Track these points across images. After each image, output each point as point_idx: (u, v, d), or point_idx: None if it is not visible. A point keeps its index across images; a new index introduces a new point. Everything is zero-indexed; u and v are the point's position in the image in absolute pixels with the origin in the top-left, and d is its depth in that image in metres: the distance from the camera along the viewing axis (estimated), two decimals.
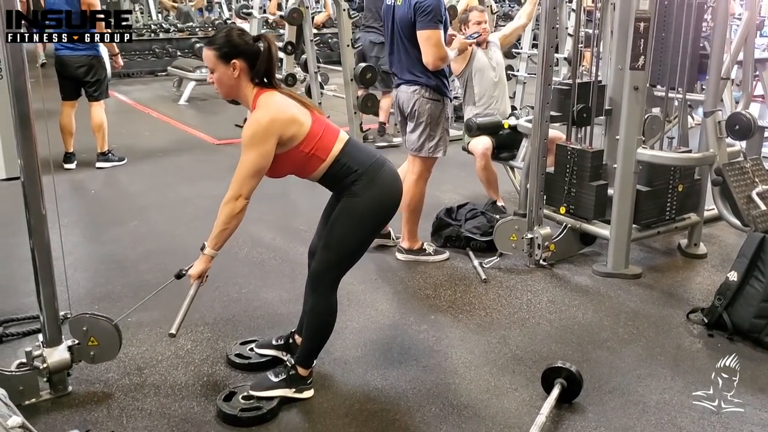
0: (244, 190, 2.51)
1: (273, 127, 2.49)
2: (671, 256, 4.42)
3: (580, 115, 4.16)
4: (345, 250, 2.70)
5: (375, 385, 2.94)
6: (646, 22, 3.68)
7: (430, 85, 4.00)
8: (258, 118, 2.50)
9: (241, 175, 2.50)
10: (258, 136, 2.48)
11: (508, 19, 13.75)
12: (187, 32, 12.54)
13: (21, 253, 3.75)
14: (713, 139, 3.93)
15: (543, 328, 3.46)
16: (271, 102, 2.54)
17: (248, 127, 2.51)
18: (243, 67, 2.55)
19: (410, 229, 4.24)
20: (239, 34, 2.58)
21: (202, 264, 2.62)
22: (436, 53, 3.87)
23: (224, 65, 2.55)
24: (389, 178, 2.70)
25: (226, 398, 2.73)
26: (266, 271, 4.10)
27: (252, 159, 2.49)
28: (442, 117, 4.07)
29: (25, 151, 2.59)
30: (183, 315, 2.61)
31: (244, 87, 2.59)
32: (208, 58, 2.57)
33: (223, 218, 2.54)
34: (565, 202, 4.18)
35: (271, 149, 2.50)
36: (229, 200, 2.52)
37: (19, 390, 2.69)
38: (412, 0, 3.86)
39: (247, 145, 2.49)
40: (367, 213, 2.65)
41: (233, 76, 2.55)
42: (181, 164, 6.63)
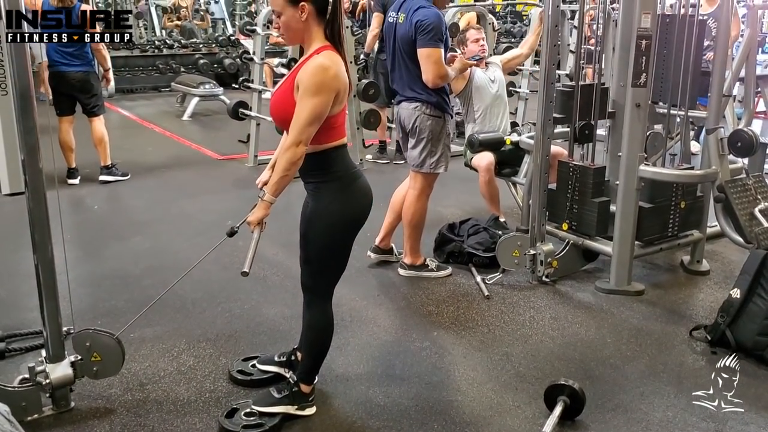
0: (303, 137, 2.46)
1: (336, 82, 2.47)
2: (674, 272, 4.42)
3: (582, 132, 4.17)
4: (323, 258, 2.69)
5: (377, 402, 2.94)
6: (647, 40, 3.70)
7: (431, 102, 4.02)
8: (326, 67, 2.45)
9: (302, 121, 2.45)
10: (323, 84, 2.44)
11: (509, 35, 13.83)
12: (191, 48, 12.60)
13: (24, 269, 3.76)
14: (715, 156, 3.93)
15: (546, 345, 3.45)
16: (337, 61, 2.50)
17: (315, 73, 2.45)
18: (311, 11, 2.49)
19: (412, 245, 4.24)
20: None
21: (261, 210, 2.57)
22: (436, 71, 3.90)
23: (292, 7, 2.49)
24: (362, 188, 2.69)
25: (228, 415, 2.73)
26: (268, 287, 4.10)
27: (313, 105, 2.44)
28: (443, 133, 4.09)
29: (30, 166, 2.60)
30: (252, 254, 2.54)
31: (313, 32, 2.53)
32: (276, 2, 2.51)
33: (284, 164, 2.49)
34: (567, 218, 4.18)
35: (329, 101, 2.46)
36: (290, 146, 2.47)
37: (21, 406, 2.69)
38: (414, 18, 3.88)
39: (310, 90, 2.44)
40: (336, 221, 2.63)
41: (301, 19, 2.49)
42: (184, 179, 6.65)
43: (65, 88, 6.02)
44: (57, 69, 5.92)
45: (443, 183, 6.04)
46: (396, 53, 4.07)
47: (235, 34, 12.70)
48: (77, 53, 5.93)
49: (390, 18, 4.10)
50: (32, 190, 2.62)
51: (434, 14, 3.89)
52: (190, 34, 13.55)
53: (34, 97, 2.58)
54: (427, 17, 3.85)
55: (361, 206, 2.69)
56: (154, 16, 14.24)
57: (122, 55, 11.75)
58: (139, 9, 13.52)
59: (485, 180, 4.89)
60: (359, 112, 6.69)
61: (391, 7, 4.19)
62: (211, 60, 12.19)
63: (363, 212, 2.70)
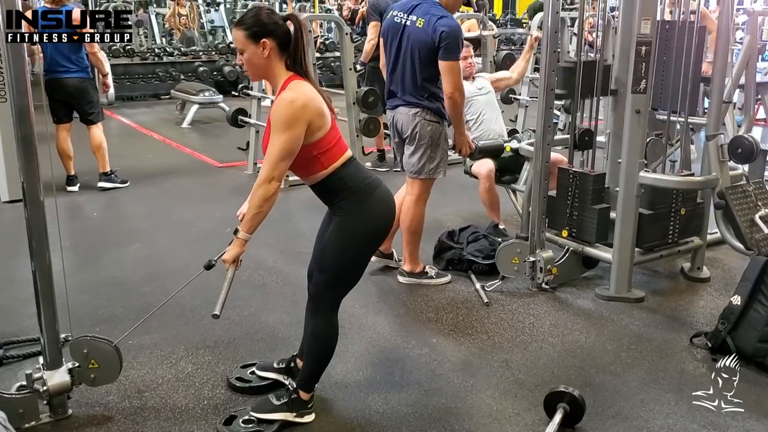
0: (276, 173, 2.48)
1: (306, 112, 2.47)
2: (674, 279, 4.41)
3: (582, 139, 4.17)
4: (340, 270, 2.69)
5: (376, 409, 2.92)
6: (647, 46, 3.70)
7: (431, 108, 4.01)
8: (292, 100, 2.47)
9: (273, 157, 2.47)
10: (292, 118, 2.44)
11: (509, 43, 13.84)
12: (191, 56, 12.63)
13: (22, 275, 3.75)
14: (716, 162, 3.92)
15: (545, 352, 3.44)
16: (304, 89, 2.52)
17: (281, 108, 2.46)
18: (273, 47, 2.51)
19: (411, 251, 4.23)
20: (268, 13, 2.55)
21: (237, 248, 2.58)
22: (457, 84, 3.92)
23: (254, 45, 2.51)
24: (382, 198, 2.69)
25: (227, 422, 2.72)
26: (267, 294, 4.09)
27: (284, 141, 2.45)
28: (441, 138, 4.09)
29: (28, 173, 2.59)
30: (224, 297, 2.56)
31: (276, 67, 2.55)
32: (238, 38, 2.54)
33: (257, 201, 2.51)
34: (567, 225, 4.17)
35: (301, 134, 2.47)
36: (262, 183, 2.49)
37: (19, 413, 2.67)
38: (438, 27, 3.82)
39: (280, 126, 2.45)
40: (358, 232, 2.64)
41: (263, 55, 2.52)
42: (184, 187, 6.64)
43: (61, 95, 6.01)
44: (52, 76, 5.91)
45: (443, 191, 6.05)
46: (403, 55, 4.01)
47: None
48: (73, 59, 5.91)
49: (396, 18, 4.04)
50: (30, 198, 2.61)
51: (457, 26, 3.93)
52: (190, 41, 13.58)
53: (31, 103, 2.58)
54: (452, 29, 3.84)
55: (383, 218, 2.70)
56: (155, 24, 14.27)
57: (122, 63, 11.79)
58: (139, 17, 13.55)
59: (485, 187, 4.89)
60: (359, 120, 6.68)
61: (396, 6, 4.12)
62: (210, 67, 12.23)
63: (385, 224, 2.71)
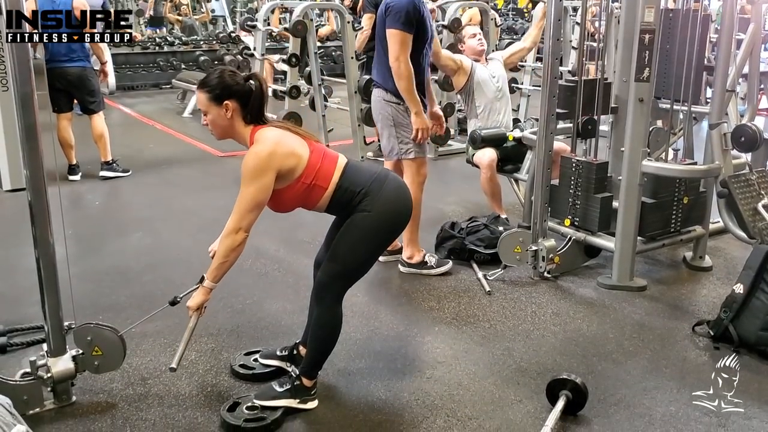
0: (243, 224, 2.52)
1: (272, 160, 2.50)
2: (676, 268, 4.41)
3: (585, 127, 4.16)
4: (352, 262, 2.70)
5: (379, 396, 2.93)
6: (650, 34, 3.69)
7: (389, 88, 4.01)
8: (257, 152, 2.51)
9: (241, 208, 2.52)
10: (257, 169, 2.49)
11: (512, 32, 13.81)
12: (192, 45, 12.60)
13: (26, 264, 3.75)
14: (719, 151, 3.92)
15: (548, 340, 3.45)
16: (269, 136, 2.56)
17: (247, 160, 2.51)
18: (235, 108, 2.57)
19: (410, 236, 4.19)
20: (230, 74, 2.60)
21: (201, 296, 2.64)
22: (397, 53, 3.86)
23: (217, 107, 2.57)
24: (394, 189, 2.70)
25: (230, 408, 2.72)
26: (270, 283, 4.10)
27: (252, 192, 2.50)
28: (408, 119, 4.04)
29: (31, 162, 2.59)
30: (183, 348, 2.63)
31: (238, 126, 2.61)
32: (201, 101, 2.60)
33: (223, 251, 2.56)
34: (569, 214, 4.17)
35: (270, 182, 2.51)
36: (229, 233, 2.54)
37: (23, 399, 2.69)
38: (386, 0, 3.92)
39: (247, 178, 2.51)
40: (379, 226, 2.65)
41: (226, 117, 2.58)
42: (186, 176, 6.64)
43: (62, 84, 6.00)
44: (54, 65, 5.90)
45: (444, 180, 6.06)
46: (376, 39, 4.11)
47: (236, 31, 12.69)
48: (75, 48, 5.91)
49: (381, 8, 4.09)
50: (33, 186, 2.61)
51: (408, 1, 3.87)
52: (191, 31, 13.54)
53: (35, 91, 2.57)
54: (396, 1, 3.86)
55: (399, 209, 2.72)
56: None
57: (123, 53, 11.76)
58: (139, 6, 13.52)
59: (487, 177, 4.88)
60: (360, 109, 6.68)
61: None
62: (211, 57, 12.18)
63: (406, 210, 2.74)
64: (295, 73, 6.85)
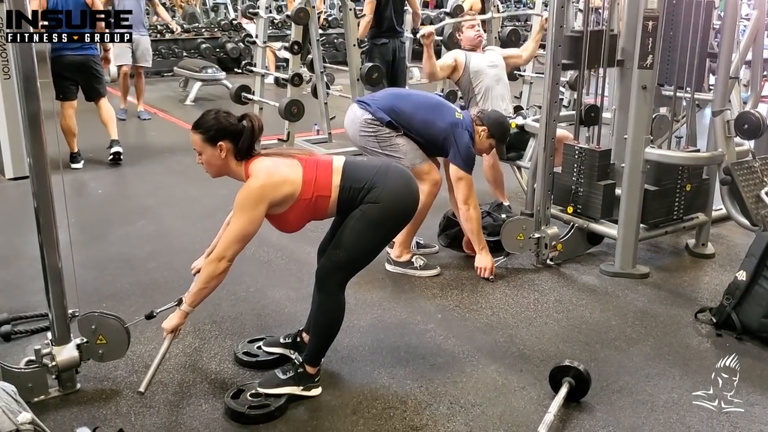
0: (228, 253, 2.57)
1: (263, 192, 2.54)
2: (679, 256, 4.41)
3: (588, 115, 4.15)
4: (357, 251, 2.71)
5: (382, 383, 2.94)
6: (654, 21, 3.68)
7: (381, 119, 3.90)
8: (249, 185, 2.57)
9: (229, 238, 2.56)
10: (248, 202, 2.54)
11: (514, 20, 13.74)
12: (193, 33, 12.55)
13: (29, 252, 3.76)
14: (722, 138, 3.91)
15: (550, 328, 3.45)
16: (261, 168, 2.60)
17: (240, 193, 2.57)
18: (229, 148, 2.62)
19: (404, 238, 4.06)
20: (225, 116, 2.64)
21: (177, 319, 2.66)
22: (464, 196, 3.93)
23: (211, 147, 2.62)
24: (400, 178, 2.71)
25: (234, 396, 2.74)
26: (273, 270, 4.10)
27: (241, 224, 2.54)
28: (393, 141, 3.90)
29: (35, 150, 2.59)
30: (153, 372, 2.64)
31: (232, 164, 2.65)
32: (196, 142, 2.64)
33: (204, 277, 2.60)
34: (572, 201, 4.17)
35: (260, 215, 2.56)
36: (212, 261, 2.58)
37: (28, 387, 2.70)
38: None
39: (238, 209, 2.56)
40: (386, 216, 2.67)
41: (220, 156, 2.62)
42: (188, 164, 6.61)
43: (70, 72, 6.00)
44: (62, 53, 5.89)
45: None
46: None
47: (238, 18, 12.64)
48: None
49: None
50: (36, 174, 2.62)
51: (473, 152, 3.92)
52: (192, 18, 13.49)
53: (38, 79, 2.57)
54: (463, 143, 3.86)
55: (408, 195, 2.74)
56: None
57: None
58: None
59: (489, 164, 4.88)
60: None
61: None
62: (213, 44, 12.14)
63: (413, 198, 2.76)
64: (297, 60, 6.82)
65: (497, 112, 4.21)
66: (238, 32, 12.01)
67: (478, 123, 3.94)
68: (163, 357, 2.67)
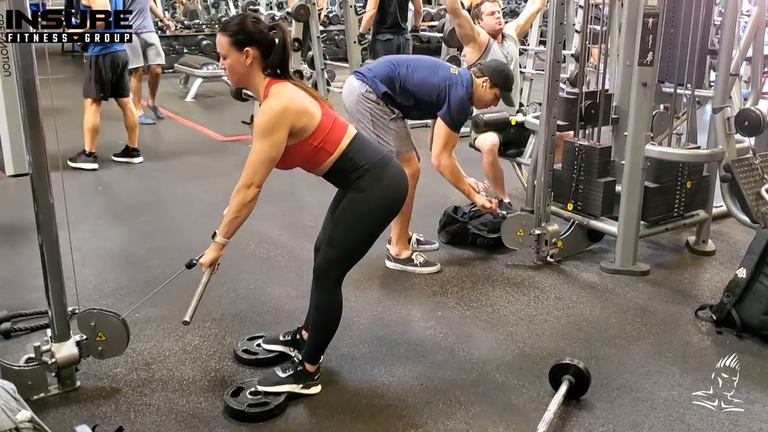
0: (256, 179, 2.50)
1: (286, 116, 2.48)
2: (679, 253, 4.41)
3: (588, 112, 4.14)
4: (349, 246, 2.70)
5: (382, 381, 2.94)
6: (654, 18, 3.67)
7: (376, 90, 3.86)
8: (272, 107, 2.49)
9: (253, 163, 2.50)
10: (271, 125, 2.47)
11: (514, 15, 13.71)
12: (194, 29, 12.54)
13: (29, 249, 3.76)
14: (722, 135, 3.90)
15: (550, 325, 3.45)
16: (283, 92, 2.53)
17: (261, 115, 2.50)
18: (256, 56, 2.53)
19: (398, 232, 4.06)
20: (254, 21, 2.56)
21: (213, 252, 2.62)
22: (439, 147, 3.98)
23: (237, 52, 2.52)
24: (396, 175, 2.70)
25: (234, 393, 2.74)
26: (273, 267, 4.10)
27: (265, 147, 2.49)
28: (387, 122, 3.89)
29: (34, 147, 2.58)
30: (196, 302, 2.61)
31: (256, 76, 2.57)
32: (221, 44, 2.55)
33: (235, 206, 2.53)
34: (572, 198, 4.17)
35: (283, 138, 2.49)
36: (241, 188, 2.51)
37: (27, 385, 2.69)
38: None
39: (260, 133, 2.49)
40: (373, 209, 2.65)
41: (245, 63, 2.53)
42: (188, 161, 6.64)
43: (113, 69, 6.09)
44: (112, 49, 5.99)
45: None
46: None
47: None
48: None
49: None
50: (36, 171, 2.61)
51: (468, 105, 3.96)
52: (193, 15, 13.48)
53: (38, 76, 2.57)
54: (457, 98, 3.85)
55: (397, 194, 2.71)
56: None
57: None
58: None
59: (488, 161, 4.87)
60: None
61: None
62: (214, 41, 12.07)
63: (399, 199, 2.72)
64: (297, 57, 6.81)
65: (496, 61, 4.19)
66: None
67: (479, 75, 3.93)
68: (204, 289, 2.62)
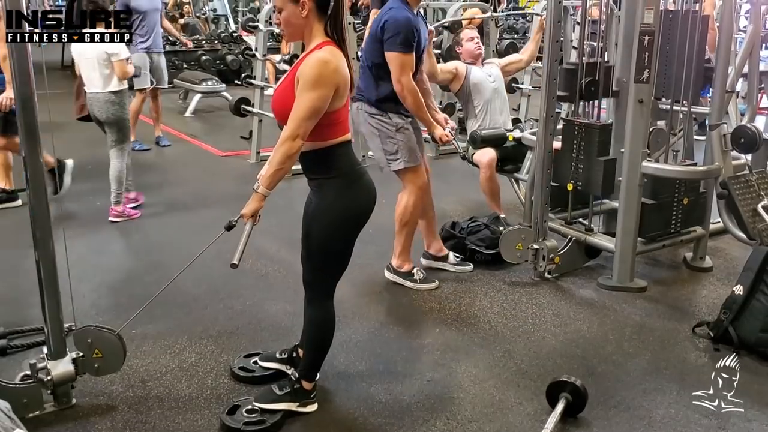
0: (300, 131, 2.44)
1: (337, 76, 2.45)
2: (676, 269, 4.41)
3: (588, 89, 4.13)
4: (325, 255, 2.69)
5: (379, 398, 2.93)
6: (650, 35, 3.69)
7: (371, 100, 3.90)
8: (326, 60, 2.44)
9: (299, 115, 2.43)
10: (322, 78, 2.42)
11: (512, 32, 13.79)
12: (194, 45, 12.58)
13: (25, 265, 3.75)
14: (718, 152, 3.92)
15: (548, 342, 3.45)
16: (338, 56, 2.49)
17: (314, 66, 2.43)
18: (312, 7, 2.48)
19: (402, 245, 4.07)
20: None
21: (255, 203, 2.54)
22: (396, 74, 3.74)
23: (293, 3, 2.48)
24: (365, 186, 2.68)
25: (230, 411, 2.73)
26: (270, 284, 4.10)
27: (313, 99, 2.42)
28: (392, 131, 3.90)
29: (32, 162, 2.59)
30: (243, 247, 2.52)
31: (315, 28, 2.51)
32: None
33: (279, 157, 2.47)
34: (572, 178, 4.13)
35: (329, 94, 2.45)
36: (286, 140, 2.46)
37: (23, 402, 2.69)
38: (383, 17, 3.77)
39: (310, 84, 2.42)
40: (339, 219, 2.63)
41: (302, 15, 2.48)
42: (187, 176, 6.64)
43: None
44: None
45: (445, 179, 6.05)
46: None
47: (238, 31, 12.67)
48: None
49: None
50: (33, 187, 2.62)
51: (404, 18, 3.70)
52: (193, 30, 13.53)
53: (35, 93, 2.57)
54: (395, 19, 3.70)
55: (365, 204, 2.68)
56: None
57: None
58: None
59: (486, 176, 4.88)
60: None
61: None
62: (213, 56, 12.16)
63: (366, 210, 2.69)
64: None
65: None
66: (238, 45, 12.03)
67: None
68: (248, 237, 2.54)
